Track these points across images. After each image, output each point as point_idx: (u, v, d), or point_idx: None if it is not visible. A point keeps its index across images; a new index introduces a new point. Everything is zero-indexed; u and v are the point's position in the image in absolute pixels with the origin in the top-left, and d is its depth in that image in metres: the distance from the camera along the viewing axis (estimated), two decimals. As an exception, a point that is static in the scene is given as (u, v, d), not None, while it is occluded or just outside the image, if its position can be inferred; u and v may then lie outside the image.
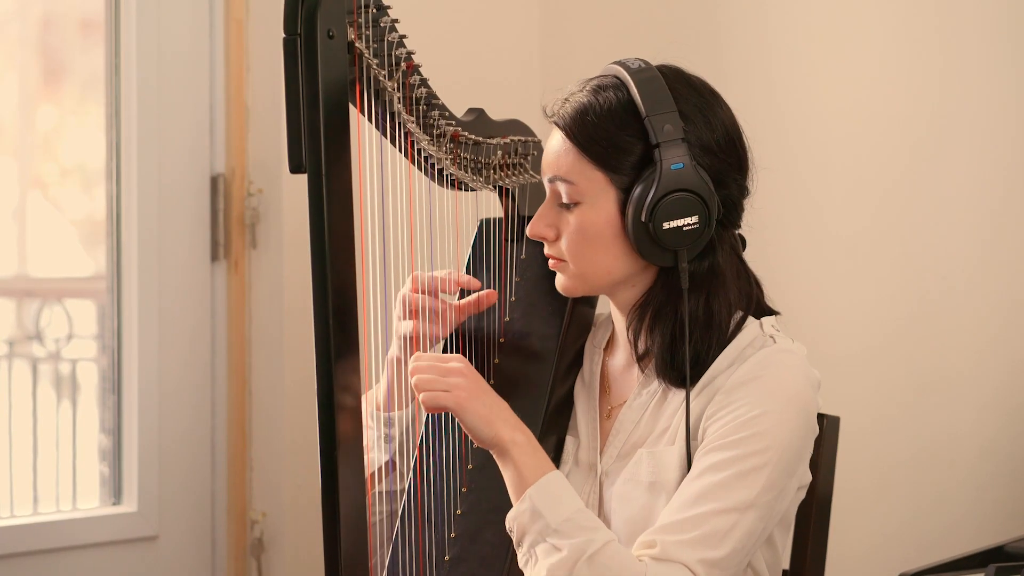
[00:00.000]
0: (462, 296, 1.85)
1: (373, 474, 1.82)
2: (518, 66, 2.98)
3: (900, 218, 2.43)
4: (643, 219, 1.65)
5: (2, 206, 2.62)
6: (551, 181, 1.71)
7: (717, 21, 2.68)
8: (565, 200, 1.70)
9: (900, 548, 2.40)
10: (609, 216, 1.68)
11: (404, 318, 1.82)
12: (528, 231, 1.74)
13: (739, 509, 1.61)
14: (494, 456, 1.67)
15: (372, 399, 1.84)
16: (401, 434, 1.82)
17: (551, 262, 1.75)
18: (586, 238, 1.69)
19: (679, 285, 1.69)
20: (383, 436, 1.82)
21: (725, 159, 1.70)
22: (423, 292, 1.81)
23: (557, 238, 1.72)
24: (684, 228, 1.66)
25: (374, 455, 1.82)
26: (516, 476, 1.64)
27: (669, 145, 1.65)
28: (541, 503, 1.62)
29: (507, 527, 1.65)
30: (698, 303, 1.69)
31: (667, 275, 1.70)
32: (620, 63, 1.71)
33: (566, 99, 1.71)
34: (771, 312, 1.75)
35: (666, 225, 1.65)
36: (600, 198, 1.68)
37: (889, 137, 2.44)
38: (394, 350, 1.81)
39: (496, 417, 1.65)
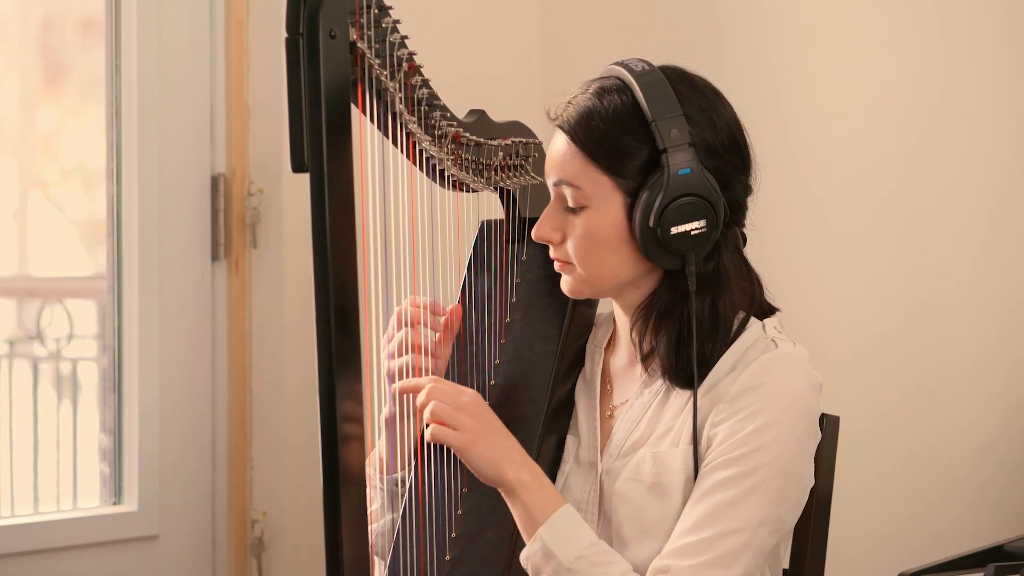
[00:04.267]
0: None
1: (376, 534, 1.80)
2: (517, 66, 2.98)
3: (900, 218, 2.43)
4: (651, 224, 1.65)
5: (3, 206, 2.62)
6: (556, 184, 1.71)
7: (718, 20, 2.68)
8: (571, 204, 1.70)
9: (900, 548, 2.40)
10: (616, 220, 1.68)
11: (396, 356, 1.79)
12: (533, 234, 1.73)
13: (750, 527, 1.61)
14: (501, 494, 1.67)
15: (375, 461, 1.82)
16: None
17: (556, 264, 1.74)
18: (593, 242, 1.69)
19: (685, 287, 1.69)
20: (396, 495, 1.80)
21: (729, 160, 1.69)
22: (409, 326, 1.79)
23: (563, 241, 1.71)
24: (692, 232, 1.66)
25: (376, 509, 1.81)
26: (525, 515, 1.64)
27: (676, 150, 1.65)
28: (552, 542, 1.62)
29: (522, 564, 1.65)
30: (704, 304, 1.69)
31: (673, 277, 1.70)
32: (622, 64, 1.70)
33: (570, 102, 1.71)
34: (772, 310, 1.75)
35: (674, 230, 1.65)
36: (607, 202, 1.68)
37: (890, 137, 2.44)
38: (387, 410, 1.78)
39: (502, 458, 1.65)
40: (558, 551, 1.61)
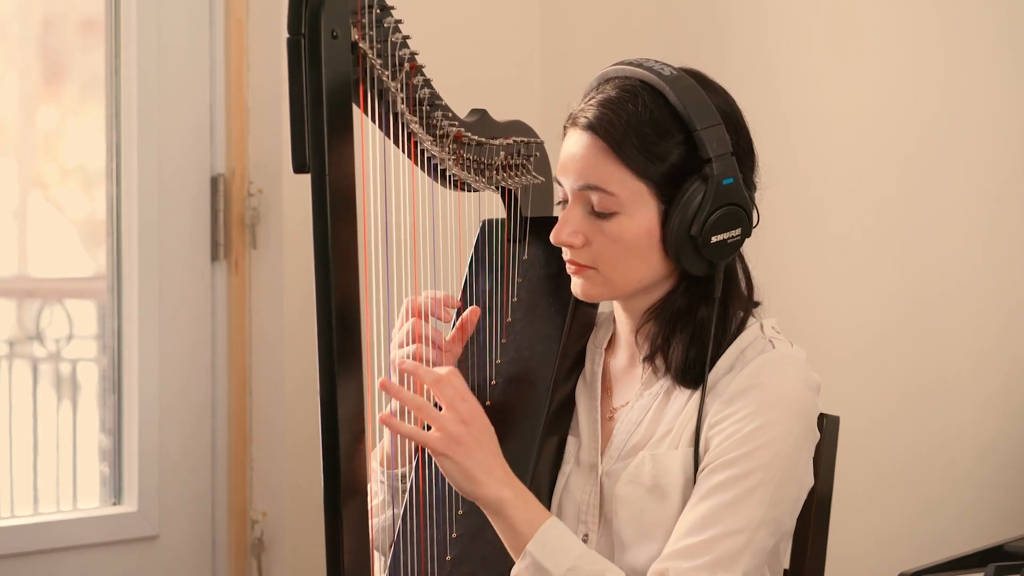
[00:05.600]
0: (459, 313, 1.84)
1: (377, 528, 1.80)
2: (518, 66, 2.98)
3: (900, 218, 2.43)
4: (692, 232, 1.65)
5: (3, 206, 2.62)
6: (581, 189, 1.68)
7: (718, 20, 2.69)
8: (598, 209, 1.67)
9: (900, 548, 2.40)
10: (650, 227, 1.67)
11: (404, 346, 1.78)
12: (552, 238, 1.71)
13: (749, 528, 1.61)
14: (483, 511, 1.65)
15: (379, 456, 1.81)
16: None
17: (571, 268, 1.72)
18: (625, 248, 1.67)
19: (702, 290, 1.69)
20: (398, 491, 1.79)
21: (748, 164, 1.70)
22: (421, 317, 1.77)
23: (583, 245, 1.70)
24: (728, 241, 1.66)
25: (377, 503, 1.81)
26: (511, 532, 1.63)
27: (719, 159, 1.64)
28: (542, 556, 1.61)
29: None
30: (718, 306, 1.69)
31: (689, 281, 1.70)
32: (642, 66, 1.68)
33: (599, 104, 1.67)
34: (754, 303, 1.75)
35: (714, 239, 1.65)
36: (640, 208, 1.66)
37: (890, 137, 2.45)
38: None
39: (480, 473, 1.61)
40: (548, 564, 1.60)
